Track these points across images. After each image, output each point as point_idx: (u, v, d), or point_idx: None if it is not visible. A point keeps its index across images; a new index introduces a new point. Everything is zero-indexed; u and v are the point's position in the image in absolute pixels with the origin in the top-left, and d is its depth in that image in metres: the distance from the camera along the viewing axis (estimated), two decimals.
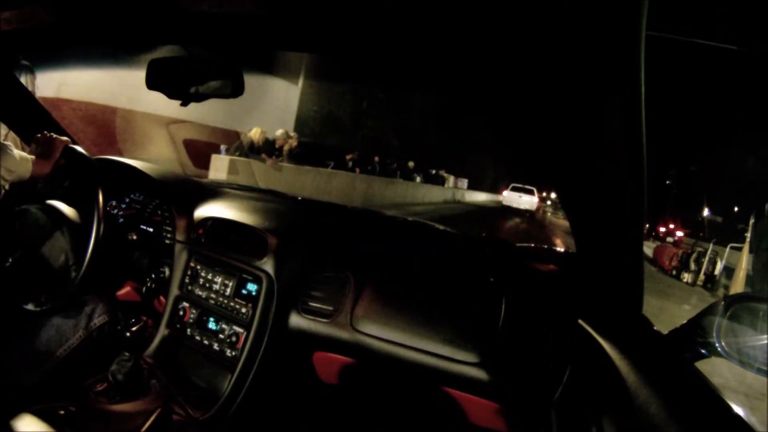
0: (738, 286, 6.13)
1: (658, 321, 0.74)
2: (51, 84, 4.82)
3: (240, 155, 6.25)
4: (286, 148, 7.02)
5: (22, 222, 1.08)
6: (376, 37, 0.59)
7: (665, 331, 0.74)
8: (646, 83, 0.42)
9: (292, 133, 7.40)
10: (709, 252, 7.18)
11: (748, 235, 6.19)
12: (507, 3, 0.42)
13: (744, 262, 6.11)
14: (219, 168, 5.99)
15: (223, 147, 6.54)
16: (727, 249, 7.09)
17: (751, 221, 6.13)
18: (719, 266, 7.01)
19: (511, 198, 18.00)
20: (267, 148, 6.62)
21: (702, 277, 7.06)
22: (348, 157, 9.34)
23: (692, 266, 7.27)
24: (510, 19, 0.44)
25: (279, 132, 7.03)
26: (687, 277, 7.27)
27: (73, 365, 1.03)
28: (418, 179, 13.26)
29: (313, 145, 8.82)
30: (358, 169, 9.38)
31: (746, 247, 6.19)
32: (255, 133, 6.57)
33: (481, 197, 23.04)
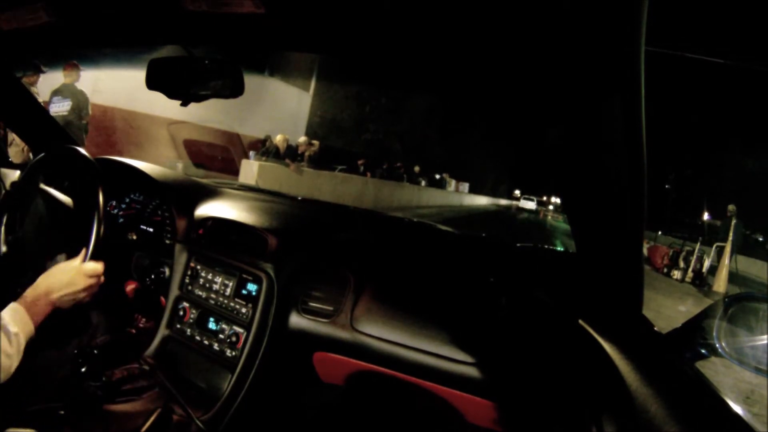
0: (721, 281, 6.67)
1: (646, 309, 0.75)
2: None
3: (267, 160, 7.02)
4: (307, 153, 7.83)
5: (24, 210, 1.08)
6: (377, 37, 0.59)
7: (660, 326, 0.74)
8: (647, 85, 0.42)
9: (314, 141, 8.31)
10: (696, 251, 7.53)
11: (731, 234, 6.85)
12: (508, 8, 0.42)
13: (727, 259, 6.65)
14: (248, 171, 6.59)
15: (252, 153, 7.41)
16: (714, 248, 7.39)
17: (733, 222, 6.94)
18: (706, 264, 7.37)
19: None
20: (290, 154, 7.44)
21: (690, 274, 7.42)
22: (360, 162, 10.02)
23: (681, 264, 7.67)
24: (511, 24, 0.44)
25: (301, 139, 7.95)
26: (676, 274, 7.63)
27: (72, 383, 1.02)
28: (423, 183, 13.52)
29: (323, 149, 9.22)
30: (369, 174, 9.95)
31: (728, 246, 6.74)
32: (279, 140, 7.41)
33: (482, 201, 23.76)
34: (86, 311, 1.21)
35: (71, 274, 0.92)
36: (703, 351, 0.68)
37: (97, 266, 0.98)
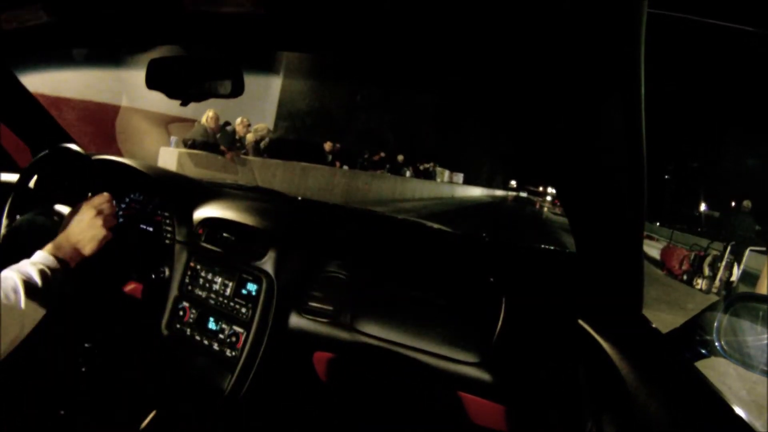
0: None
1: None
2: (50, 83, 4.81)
3: (193, 147, 5.33)
4: (250, 138, 6.01)
5: (22, 231, 1.06)
6: (376, 37, 0.59)
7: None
8: (647, 76, 0.42)
9: (259, 126, 6.38)
10: (726, 256, 6.09)
11: None
12: (509, 8, 0.42)
13: None
14: (168, 162, 5.22)
15: (173, 138, 5.58)
16: (746, 252, 6.00)
17: None
18: (736, 272, 6.00)
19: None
20: (225, 139, 5.57)
21: (717, 283, 6.10)
22: (327, 148, 8.05)
23: (707, 271, 6.32)
24: (512, 24, 0.44)
25: (238, 120, 5.89)
26: (701, 283, 6.34)
27: (72, 383, 1.00)
28: (408, 173, 12.29)
29: (299, 139, 8.36)
30: (338, 163, 8.35)
31: None
32: (207, 119, 5.27)
33: (476, 192, 23.09)
34: (86, 311, 1.21)
35: (80, 215, 0.91)
36: (703, 351, 0.68)
37: (101, 196, 0.96)
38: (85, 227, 0.90)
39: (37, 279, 0.77)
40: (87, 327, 1.25)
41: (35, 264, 0.79)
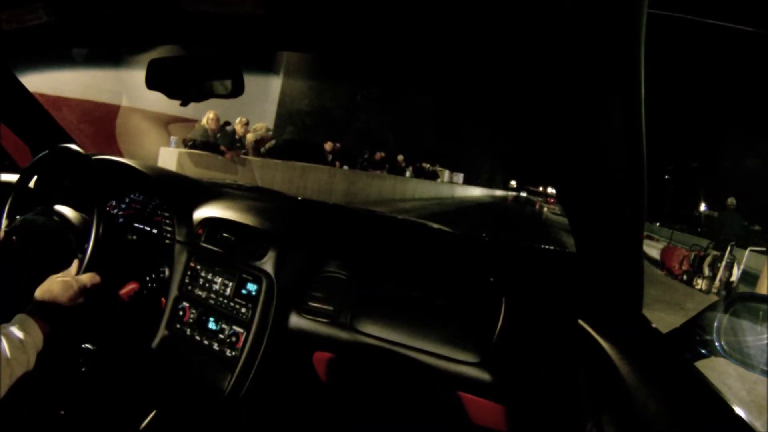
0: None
1: None
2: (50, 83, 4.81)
3: (193, 147, 5.34)
4: (250, 138, 5.99)
5: (22, 231, 1.05)
6: (376, 37, 0.59)
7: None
8: (647, 76, 0.42)
9: (259, 125, 6.34)
10: (726, 256, 6.06)
11: None
12: (509, 7, 0.42)
13: None
14: (168, 162, 5.23)
15: (173, 138, 5.54)
16: (747, 252, 6.18)
17: None
18: (736, 272, 6.06)
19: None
20: (225, 139, 5.58)
21: (717, 283, 6.14)
22: (327, 148, 8.05)
23: (706, 271, 6.35)
24: (512, 24, 0.44)
25: (237, 120, 5.91)
26: (701, 283, 6.36)
27: (72, 382, 0.99)
28: (408, 173, 12.18)
29: (299, 139, 8.40)
30: (338, 163, 8.36)
31: None
32: (207, 121, 5.32)
33: (476, 192, 22.98)
34: (86, 312, 1.21)
35: (63, 287, 0.90)
36: (703, 351, 0.68)
37: (89, 279, 0.95)
38: (63, 299, 0.88)
39: (15, 343, 0.76)
40: (87, 328, 1.25)
41: (15, 331, 0.78)
